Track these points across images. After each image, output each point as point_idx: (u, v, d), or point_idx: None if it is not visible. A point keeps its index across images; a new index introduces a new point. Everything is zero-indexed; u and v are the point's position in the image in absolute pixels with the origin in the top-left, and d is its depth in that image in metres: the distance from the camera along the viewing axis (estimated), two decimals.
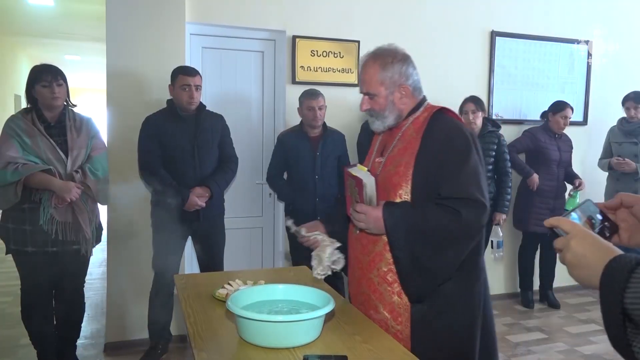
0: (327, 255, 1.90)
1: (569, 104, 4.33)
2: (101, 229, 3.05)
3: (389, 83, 1.79)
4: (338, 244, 1.92)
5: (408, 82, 1.81)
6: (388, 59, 1.79)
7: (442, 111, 1.82)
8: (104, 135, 3.12)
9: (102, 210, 3.13)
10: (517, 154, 4.37)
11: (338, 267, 1.92)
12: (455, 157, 1.69)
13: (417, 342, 1.72)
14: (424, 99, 1.87)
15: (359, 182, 1.72)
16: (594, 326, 4.06)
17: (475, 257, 1.77)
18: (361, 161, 2.23)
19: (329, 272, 1.92)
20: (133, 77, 3.37)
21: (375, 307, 1.79)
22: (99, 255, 5.13)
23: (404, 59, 1.81)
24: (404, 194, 1.73)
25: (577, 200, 4.22)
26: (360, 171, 1.76)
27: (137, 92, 3.38)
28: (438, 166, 1.69)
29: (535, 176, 4.27)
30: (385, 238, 1.72)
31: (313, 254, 1.93)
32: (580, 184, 4.31)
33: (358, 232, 1.84)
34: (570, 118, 4.31)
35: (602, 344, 3.71)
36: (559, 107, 4.32)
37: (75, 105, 2.96)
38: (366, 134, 3.79)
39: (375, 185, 1.71)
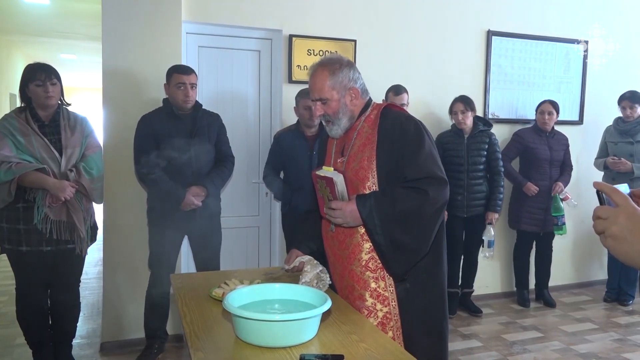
0: (311, 277, 1.96)
1: (547, 100, 4.35)
2: (96, 228, 3.04)
3: (340, 87, 1.92)
4: (321, 267, 2.00)
5: (357, 85, 1.95)
6: (336, 65, 1.92)
7: (389, 107, 1.98)
8: (100, 135, 3.12)
9: (98, 209, 3.12)
10: (511, 161, 4.37)
11: (323, 288, 1.96)
12: (411, 143, 1.85)
13: (406, 318, 1.88)
14: (370, 100, 2.01)
15: (329, 181, 1.83)
16: (590, 325, 4.08)
17: (439, 230, 1.92)
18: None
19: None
20: (129, 76, 3.36)
21: (361, 296, 1.90)
22: (95, 254, 5.13)
23: (349, 64, 1.96)
24: (372, 185, 1.87)
25: (559, 203, 4.22)
26: (327, 172, 1.87)
27: (133, 91, 3.37)
28: (398, 154, 1.85)
29: (529, 184, 4.27)
30: (360, 230, 1.87)
31: (300, 277, 1.99)
32: (556, 187, 4.28)
33: (334, 229, 1.96)
34: (552, 112, 4.28)
35: (597, 343, 3.72)
36: (538, 104, 4.38)
37: (69, 104, 2.95)
38: None
39: (345, 180, 1.84)
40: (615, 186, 0.97)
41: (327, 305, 1.55)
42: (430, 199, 1.79)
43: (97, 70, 5.93)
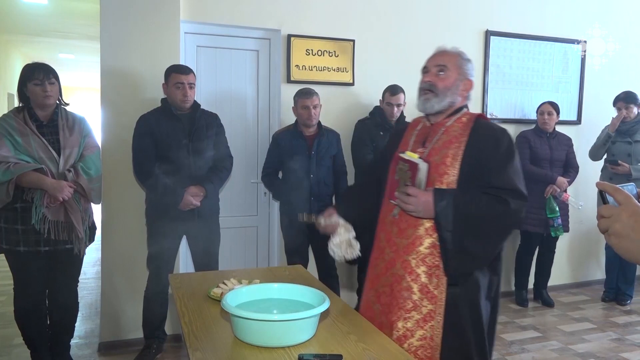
0: (342, 239, 2.00)
1: (547, 101, 4.37)
2: (95, 228, 3.04)
3: (462, 71, 1.97)
4: (354, 234, 2.01)
5: (473, 80, 2.01)
6: (466, 55, 2.02)
7: (483, 117, 2.02)
8: (98, 135, 3.11)
9: (97, 209, 3.11)
10: (529, 161, 4.33)
11: (351, 255, 1.99)
12: (503, 155, 1.85)
13: (448, 322, 1.84)
14: (465, 105, 2.02)
15: (413, 166, 1.83)
16: (588, 324, 4.09)
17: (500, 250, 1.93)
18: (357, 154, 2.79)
19: (340, 254, 2.01)
20: (127, 75, 3.36)
21: (410, 288, 1.87)
22: (93, 254, 5.12)
23: (473, 65, 2.04)
24: (450, 183, 1.84)
25: (553, 205, 4.21)
26: (412, 157, 1.87)
27: (131, 91, 3.36)
28: (486, 161, 1.84)
29: (560, 178, 4.24)
30: (426, 223, 1.85)
31: (332, 237, 2.03)
32: (549, 188, 4.26)
33: (397, 215, 1.92)
34: (551, 113, 4.29)
35: (595, 342, 3.73)
36: (538, 105, 4.41)
37: (67, 104, 2.95)
38: (362, 133, 3.78)
39: (427, 170, 1.84)
40: (623, 186, 0.99)
41: (326, 305, 1.55)
42: (511, 211, 1.79)
43: (95, 70, 5.93)
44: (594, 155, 4.58)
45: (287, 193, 3.49)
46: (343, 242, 1.98)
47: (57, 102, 2.85)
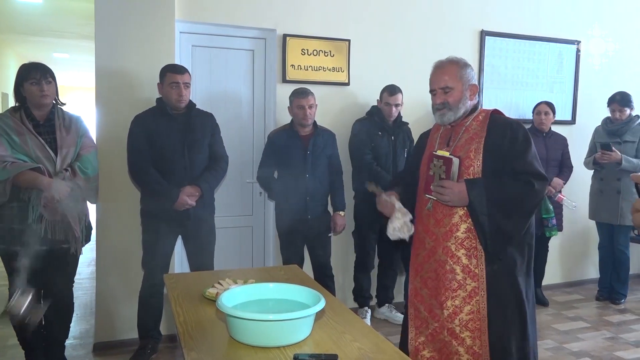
0: (401, 224, 2.17)
1: (544, 101, 4.39)
2: (90, 228, 3.03)
3: (465, 80, 2.15)
4: (410, 216, 2.20)
5: (476, 83, 2.20)
6: (462, 62, 2.18)
7: (498, 112, 2.22)
8: (93, 134, 3.10)
9: (91, 209, 3.11)
10: None
11: (406, 235, 2.16)
12: (521, 143, 2.09)
13: (491, 295, 2.07)
14: (479, 103, 2.24)
15: (448, 161, 2.07)
16: (582, 323, 4.11)
17: (529, 227, 2.13)
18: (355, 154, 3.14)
19: (400, 235, 2.18)
20: (122, 75, 3.35)
21: (453, 270, 2.11)
22: (88, 254, 5.10)
23: (471, 67, 2.21)
24: (476, 173, 2.07)
25: (548, 205, 4.23)
26: (444, 154, 2.11)
27: (126, 90, 3.36)
28: (506, 152, 2.06)
29: (556, 179, 4.27)
30: (460, 211, 2.08)
31: (391, 221, 2.20)
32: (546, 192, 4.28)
33: (431, 208, 2.16)
34: (548, 113, 4.31)
35: (589, 341, 3.75)
36: (535, 105, 4.43)
37: (64, 104, 2.94)
38: (360, 133, 3.78)
39: (459, 164, 2.06)
40: None
41: (321, 304, 1.56)
42: (536, 190, 2.02)
43: (90, 70, 5.90)
44: (587, 165, 4.60)
45: (283, 193, 3.49)
46: (403, 226, 2.15)
47: (54, 101, 2.84)
